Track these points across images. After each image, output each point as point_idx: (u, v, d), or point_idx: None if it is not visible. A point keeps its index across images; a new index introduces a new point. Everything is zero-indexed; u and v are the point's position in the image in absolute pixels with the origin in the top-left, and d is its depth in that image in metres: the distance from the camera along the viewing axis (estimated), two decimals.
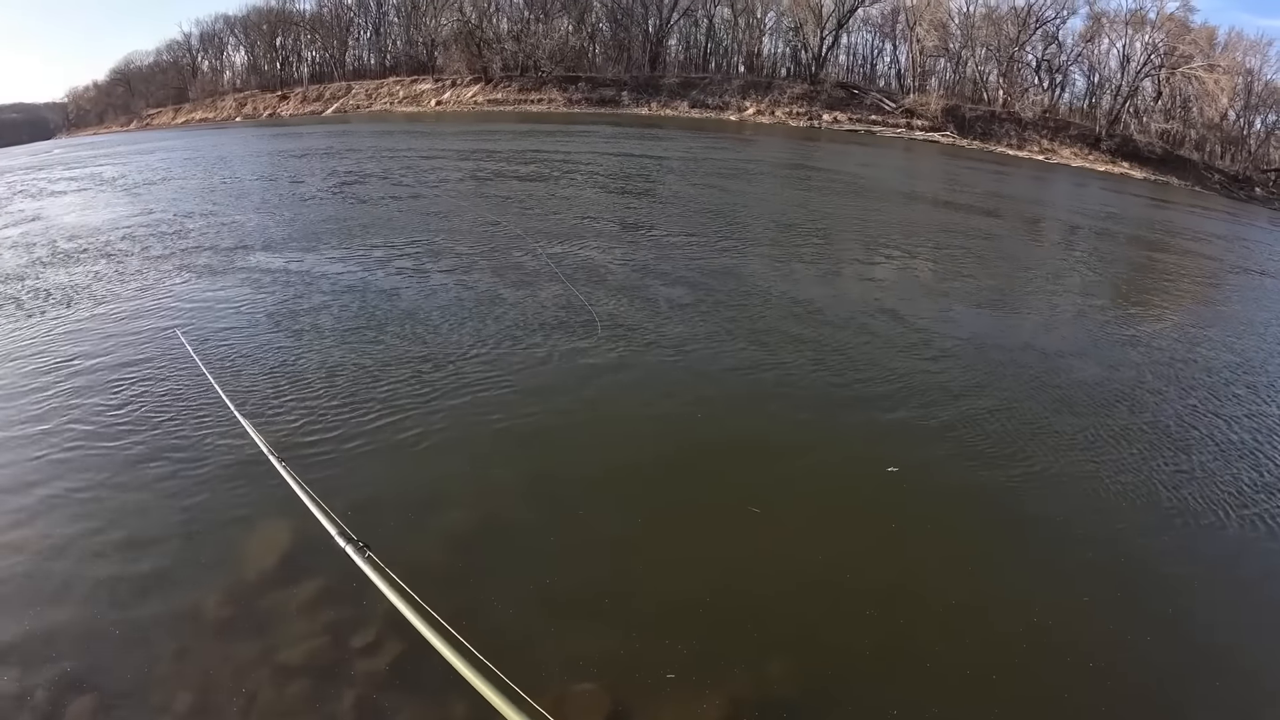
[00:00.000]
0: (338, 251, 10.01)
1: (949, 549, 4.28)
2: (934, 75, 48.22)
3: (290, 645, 3.19)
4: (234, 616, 3.35)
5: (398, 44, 57.93)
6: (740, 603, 3.68)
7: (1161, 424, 6.22)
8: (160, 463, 4.54)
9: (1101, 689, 3.37)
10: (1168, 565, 4.39)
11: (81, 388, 5.59)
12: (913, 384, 6.45)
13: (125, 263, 9.48)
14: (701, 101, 45.91)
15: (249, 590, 3.52)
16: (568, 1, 51.17)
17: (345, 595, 3.36)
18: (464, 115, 46.07)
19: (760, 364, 6.63)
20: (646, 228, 12.48)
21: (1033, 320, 9.35)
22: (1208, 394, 7.13)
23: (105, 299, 7.85)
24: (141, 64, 72.67)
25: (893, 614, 3.70)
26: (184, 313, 7.40)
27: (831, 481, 4.90)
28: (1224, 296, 13.00)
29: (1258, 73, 48.09)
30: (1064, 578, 4.15)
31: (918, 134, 43.95)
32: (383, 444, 4.83)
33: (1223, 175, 46.76)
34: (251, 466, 4.29)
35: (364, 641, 3.17)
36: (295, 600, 3.43)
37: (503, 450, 4.89)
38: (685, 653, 3.31)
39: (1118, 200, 28.48)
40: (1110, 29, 47.59)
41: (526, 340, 6.74)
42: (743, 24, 49.82)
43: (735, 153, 28.84)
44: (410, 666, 3.05)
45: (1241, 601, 4.17)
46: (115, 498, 4.23)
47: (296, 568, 3.61)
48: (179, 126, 60.45)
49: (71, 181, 19.23)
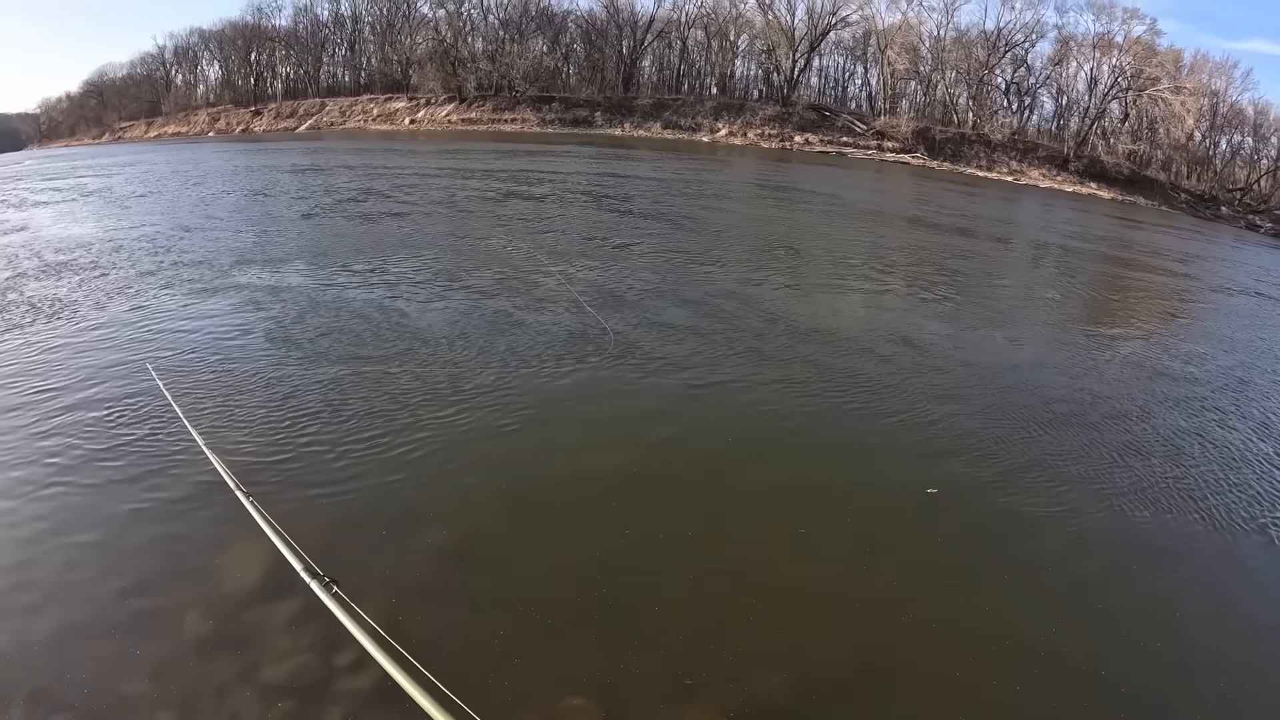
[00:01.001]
0: (317, 270, 9.81)
1: (932, 561, 4.37)
2: (905, 98, 48.76)
3: (273, 663, 3.19)
4: (213, 635, 3.35)
5: (372, 62, 57.68)
6: (727, 616, 3.74)
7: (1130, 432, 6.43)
8: (133, 491, 4.46)
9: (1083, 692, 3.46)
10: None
11: (55, 420, 5.40)
12: (898, 396, 6.61)
13: (98, 284, 9.07)
14: (674, 123, 46.04)
15: (230, 608, 3.52)
16: (543, 22, 51.24)
17: (328, 612, 3.46)
18: (438, 134, 45.87)
19: (742, 380, 6.69)
20: (627, 245, 12.56)
21: (1018, 337, 9.60)
22: (1206, 409, 7.38)
23: (77, 324, 7.56)
24: (115, 76, 71.83)
25: (877, 625, 3.79)
26: (155, 343, 7.05)
27: (817, 497, 4.94)
28: (1211, 315, 13.29)
29: (1223, 94, 48.96)
30: (1044, 587, 4.25)
31: (888, 156, 44.33)
32: (353, 469, 4.77)
33: (1189, 195, 47.53)
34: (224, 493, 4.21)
35: (348, 659, 3.17)
36: (277, 618, 3.42)
37: (480, 471, 4.87)
38: (673, 666, 3.39)
39: (1087, 220, 29.03)
40: (1078, 52, 48.33)
41: (517, 360, 6.76)
42: (716, 46, 50.09)
43: (713, 174, 29.04)
44: (395, 685, 3.13)
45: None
46: (87, 525, 4.17)
47: (278, 584, 3.60)
48: (151, 140, 59.69)
49: (41, 197, 18.72)
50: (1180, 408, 7.32)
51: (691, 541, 4.34)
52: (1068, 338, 9.69)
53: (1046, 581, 4.31)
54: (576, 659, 3.39)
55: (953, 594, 4.12)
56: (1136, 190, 46.08)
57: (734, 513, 4.66)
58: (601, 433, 5.55)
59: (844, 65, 51.52)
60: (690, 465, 5.17)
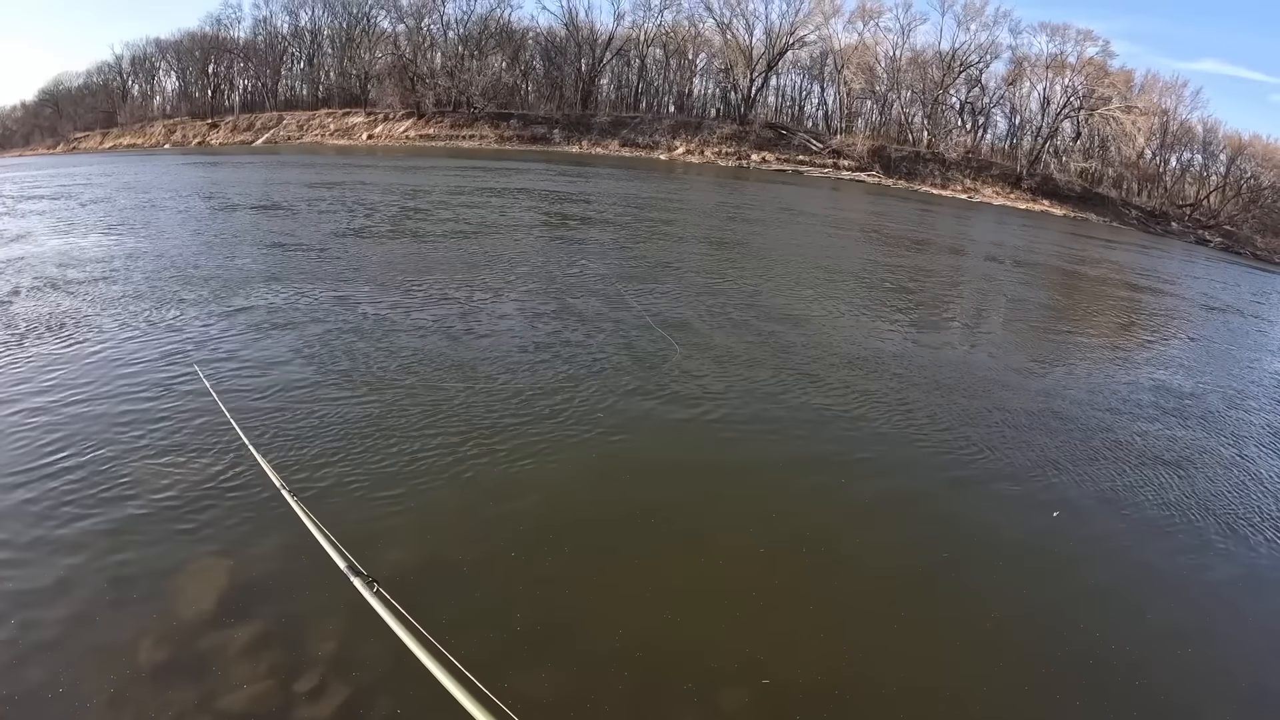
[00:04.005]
0: (329, 286, 9.60)
1: (897, 577, 4.40)
2: (861, 116, 49.20)
3: (231, 690, 3.08)
4: (171, 660, 3.21)
5: (331, 75, 56.95)
6: (691, 636, 3.69)
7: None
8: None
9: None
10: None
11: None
12: (878, 406, 6.81)
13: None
14: (632, 140, 46.00)
15: (185, 633, 3.36)
16: (502, 39, 50.96)
17: (285, 639, 3.33)
18: (396, 150, 45.35)
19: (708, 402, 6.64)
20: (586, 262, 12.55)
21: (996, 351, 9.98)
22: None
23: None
24: (71, 85, 70.36)
25: (842, 642, 3.77)
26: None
27: (782, 518, 4.91)
28: (1208, 334, 13.61)
29: (1173, 113, 50.07)
30: (1017, 593, 4.35)
31: (844, 174, 44.67)
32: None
33: (1140, 211, 48.48)
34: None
35: (307, 686, 3.09)
36: (235, 643, 3.31)
37: (498, 490, 4.82)
38: (636, 688, 3.33)
39: (1040, 235, 29.67)
40: (1031, 72, 49.14)
41: (554, 374, 6.78)
42: (674, 65, 50.21)
43: (670, 191, 29.03)
44: (355, 713, 3.03)
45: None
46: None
47: (235, 610, 3.50)
48: (106, 151, 58.47)
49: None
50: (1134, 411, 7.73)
51: (655, 566, 4.27)
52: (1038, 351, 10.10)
53: (1022, 588, 4.41)
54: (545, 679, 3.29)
55: (919, 607, 4.17)
56: (1088, 207, 46.89)
57: (718, 531, 4.69)
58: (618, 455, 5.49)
59: (801, 84, 51.96)
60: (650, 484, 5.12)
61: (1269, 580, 4.91)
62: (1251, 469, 6.58)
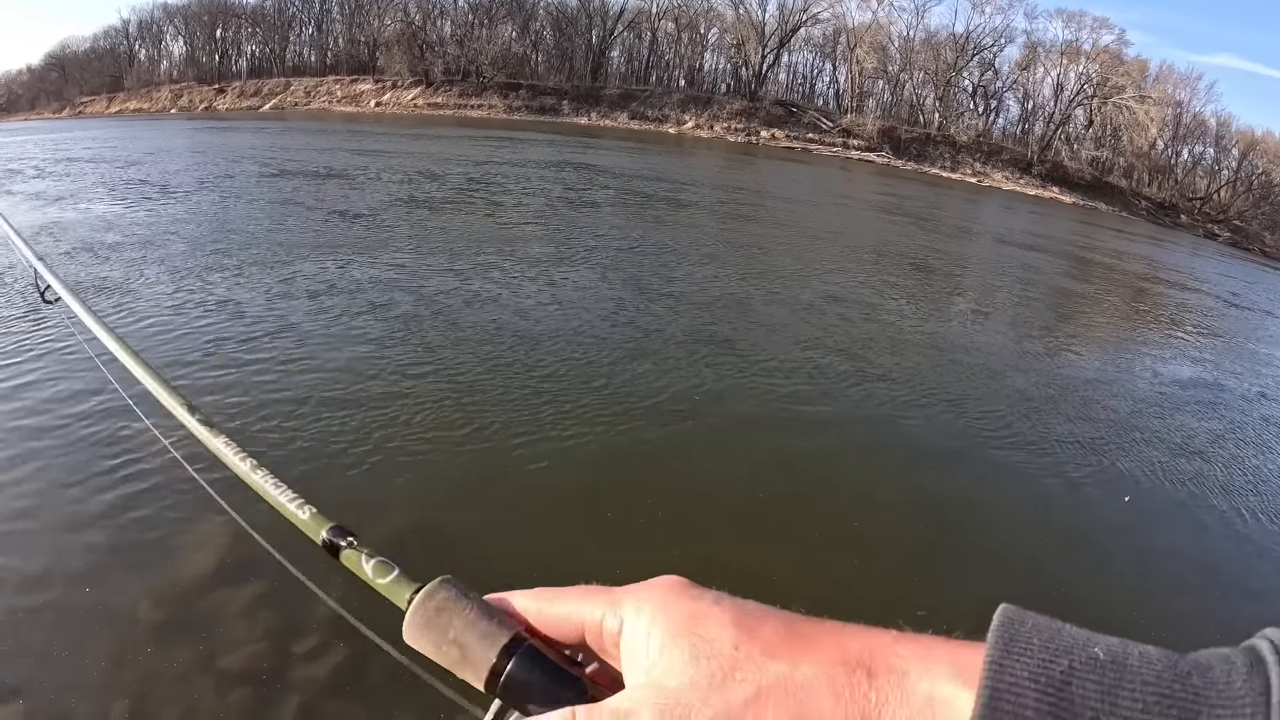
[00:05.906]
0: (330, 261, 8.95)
1: (891, 554, 4.16)
2: (872, 96, 48.84)
3: (230, 651, 3.11)
4: (169, 621, 3.22)
5: (339, 42, 56.56)
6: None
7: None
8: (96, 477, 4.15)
9: None
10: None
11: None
12: (875, 392, 6.37)
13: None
14: (641, 114, 45.69)
15: (185, 594, 3.37)
16: (512, 8, 50.52)
17: (284, 600, 3.33)
18: (404, 118, 45.04)
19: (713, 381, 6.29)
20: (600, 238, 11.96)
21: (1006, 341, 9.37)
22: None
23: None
24: (78, 50, 69.98)
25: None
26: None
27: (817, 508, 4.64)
28: (1230, 331, 13.15)
29: (1186, 105, 49.65)
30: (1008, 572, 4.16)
31: (853, 153, 44.38)
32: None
33: (1150, 202, 48.21)
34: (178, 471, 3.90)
35: (306, 648, 3.12)
36: (233, 605, 3.32)
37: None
38: None
39: (1053, 224, 29.16)
40: (1045, 58, 48.77)
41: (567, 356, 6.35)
42: (686, 39, 49.76)
43: (682, 166, 28.61)
44: (352, 674, 3.05)
45: None
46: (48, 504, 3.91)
47: (235, 571, 3.49)
48: (113, 116, 58.17)
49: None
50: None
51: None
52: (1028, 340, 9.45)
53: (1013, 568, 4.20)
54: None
55: (915, 584, 3.94)
56: (1098, 196, 46.64)
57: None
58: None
59: (812, 62, 51.51)
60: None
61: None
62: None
